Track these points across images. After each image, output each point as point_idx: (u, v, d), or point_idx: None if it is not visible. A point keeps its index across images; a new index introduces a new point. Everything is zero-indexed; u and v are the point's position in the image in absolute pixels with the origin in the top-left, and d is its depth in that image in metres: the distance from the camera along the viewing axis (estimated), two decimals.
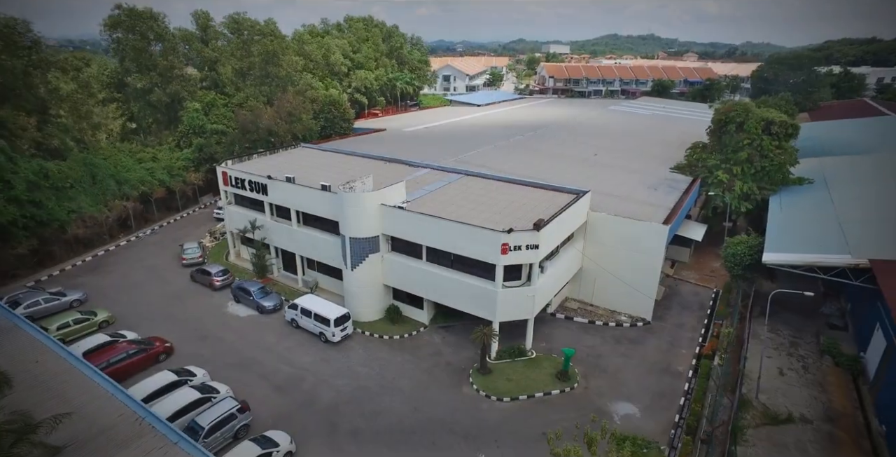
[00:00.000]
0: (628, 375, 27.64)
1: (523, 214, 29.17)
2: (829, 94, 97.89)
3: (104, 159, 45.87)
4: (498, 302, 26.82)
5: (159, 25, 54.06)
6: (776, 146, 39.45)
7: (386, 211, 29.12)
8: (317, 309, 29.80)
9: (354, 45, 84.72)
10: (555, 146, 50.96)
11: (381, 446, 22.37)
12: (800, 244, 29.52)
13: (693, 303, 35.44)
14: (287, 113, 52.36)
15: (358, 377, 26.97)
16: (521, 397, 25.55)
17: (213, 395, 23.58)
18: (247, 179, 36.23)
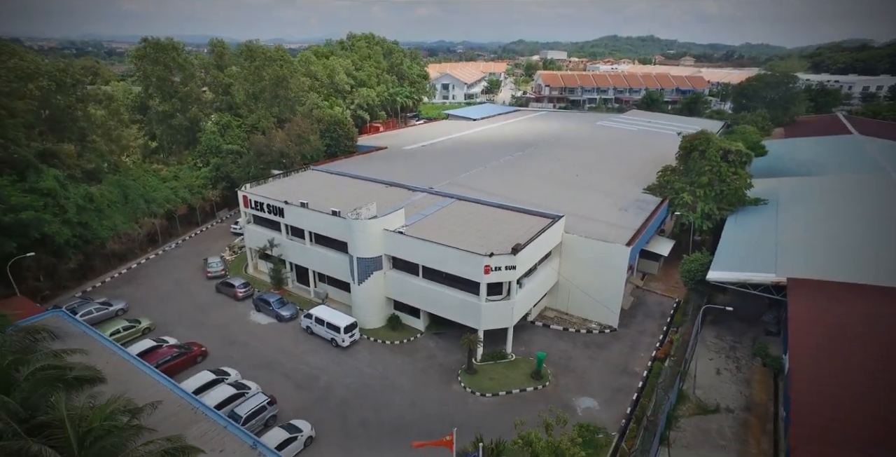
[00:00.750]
0: (593, 375, 32.74)
1: (505, 237, 34.28)
2: (805, 109, 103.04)
3: (134, 180, 51.05)
4: (482, 313, 31.95)
5: (180, 55, 59.20)
6: (733, 172, 44.58)
7: (388, 235, 34.27)
8: (328, 318, 34.97)
9: (357, 63, 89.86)
10: (541, 167, 56.03)
11: (384, 433, 27.49)
12: (739, 263, 34.68)
13: (656, 312, 40.54)
14: (297, 135, 57.54)
15: (364, 376, 32.09)
16: (501, 393, 30.66)
17: (245, 391, 28.72)
18: (265, 202, 41.37)
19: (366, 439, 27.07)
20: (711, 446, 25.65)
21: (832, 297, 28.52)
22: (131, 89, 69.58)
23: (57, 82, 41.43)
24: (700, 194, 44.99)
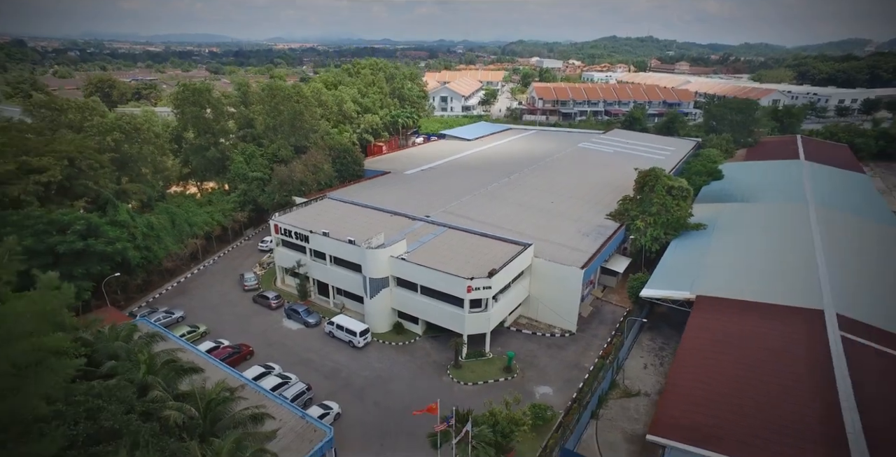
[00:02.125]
0: (551, 369, 42.47)
1: (486, 262, 43.95)
2: (771, 129, 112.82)
3: (177, 207, 60.81)
4: (465, 322, 41.69)
5: (213, 96, 68.91)
6: (676, 204, 54.36)
7: (393, 261, 44.03)
8: (347, 325, 44.78)
9: (362, 91, 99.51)
10: (521, 195, 65.70)
11: (391, 410, 37.23)
12: (666, 282, 44.49)
13: (609, 319, 50.21)
14: (313, 165, 67.28)
15: (375, 370, 41.85)
16: (480, 383, 40.39)
17: (288, 380, 38.49)
18: (293, 231, 51.11)
19: (377, 414, 36.83)
20: (628, 419, 35.45)
21: (726, 311, 38.27)
22: (167, 121, 79.02)
23: (126, 133, 51.16)
24: (650, 221, 54.83)
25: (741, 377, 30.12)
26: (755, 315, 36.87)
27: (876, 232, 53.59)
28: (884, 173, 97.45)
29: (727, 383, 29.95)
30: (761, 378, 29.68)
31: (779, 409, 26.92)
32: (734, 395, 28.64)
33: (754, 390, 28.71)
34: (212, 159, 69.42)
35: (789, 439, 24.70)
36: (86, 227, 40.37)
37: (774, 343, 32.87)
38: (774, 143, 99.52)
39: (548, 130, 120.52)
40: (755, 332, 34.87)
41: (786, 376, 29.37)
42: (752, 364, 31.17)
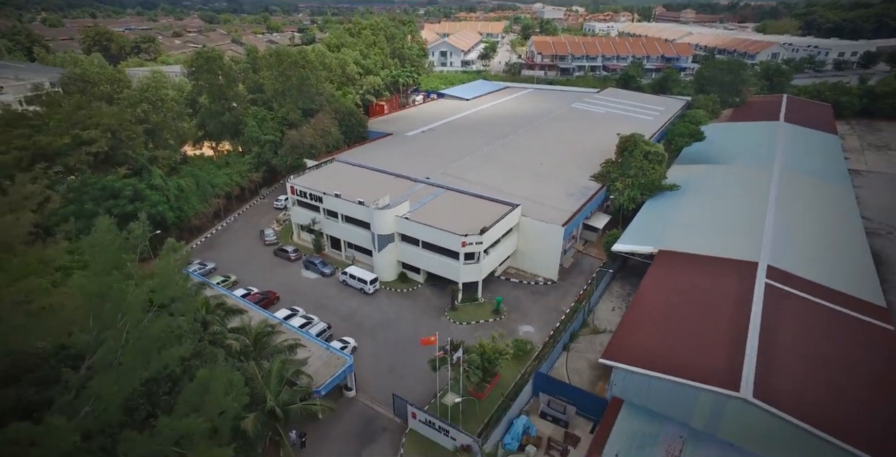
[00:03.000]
0: (533, 312, 49.91)
1: (479, 220, 50.36)
2: (761, 88, 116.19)
3: (199, 169, 66.70)
4: (461, 272, 48.70)
5: (223, 63, 73.05)
6: (652, 168, 60.17)
7: (398, 219, 50.56)
8: (358, 274, 51.92)
9: (364, 52, 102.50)
10: (514, 156, 71.27)
11: (398, 344, 44.86)
12: (635, 238, 51.20)
13: (587, 270, 57.30)
14: (321, 129, 72.50)
15: (384, 313, 49.33)
16: (472, 323, 47.92)
17: (311, 320, 45.99)
18: (308, 192, 57.32)
19: (386, 347, 44.56)
20: (593, 351, 43.14)
21: (680, 263, 45.16)
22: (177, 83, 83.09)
23: (153, 104, 56.30)
24: (628, 183, 60.88)
25: (680, 316, 37.34)
26: (703, 267, 43.76)
27: (825, 193, 59.71)
28: (862, 132, 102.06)
29: (668, 320, 37.19)
30: (695, 317, 36.90)
31: (702, 338, 34.23)
32: (671, 329, 35.92)
33: (688, 326, 35.96)
34: (227, 123, 74.47)
35: (705, 357, 32.09)
36: (133, 192, 46.66)
37: (712, 289, 39.91)
38: (760, 103, 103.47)
39: (543, 89, 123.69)
40: (699, 281, 41.86)
41: (715, 315, 36.56)
42: (691, 306, 38.33)
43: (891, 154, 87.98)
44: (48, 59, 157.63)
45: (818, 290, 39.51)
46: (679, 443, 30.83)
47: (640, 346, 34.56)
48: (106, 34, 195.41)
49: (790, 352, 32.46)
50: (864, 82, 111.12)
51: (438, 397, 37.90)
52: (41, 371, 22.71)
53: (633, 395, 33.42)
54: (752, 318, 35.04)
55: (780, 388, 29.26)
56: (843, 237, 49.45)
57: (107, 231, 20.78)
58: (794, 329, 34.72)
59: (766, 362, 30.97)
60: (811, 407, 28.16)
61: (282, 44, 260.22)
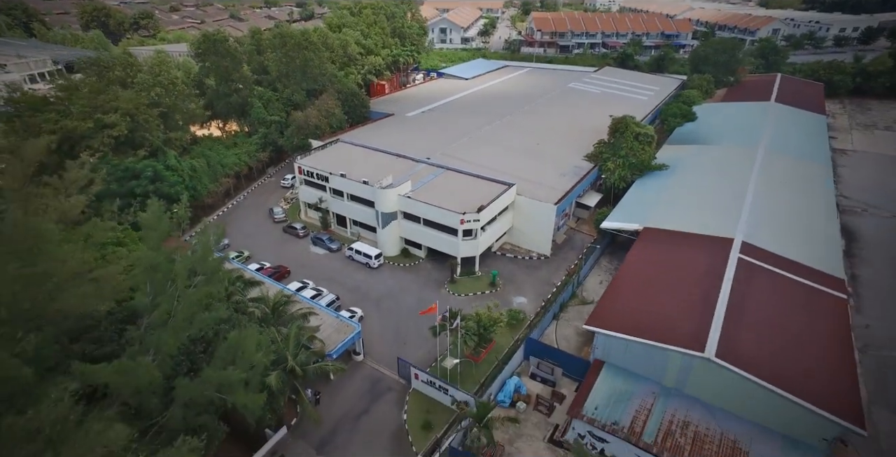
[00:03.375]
0: (527, 284, 53.66)
1: (476, 199, 53.57)
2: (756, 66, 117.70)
3: (209, 150, 69.57)
4: (459, 247, 52.23)
5: (229, 45, 75.05)
6: (642, 149, 63.09)
7: (400, 198, 53.84)
8: (363, 250, 55.50)
9: (365, 32, 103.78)
10: (511, 137, 74.00)
11: (401, 314, 48.72)
12: (623, 216, 54.56)
13: (579, 246, 60.81)
14: (325, 110, 75.03)
15: (388, 285, 53.08)
16: (470, 294, 51.71)
17: (321, 292, 49.76)
18: (315, 172, 60.40)
19: (391, 316, 48.45)
20: (580, 320, 46.94)
21: (663, 239, 48.63)
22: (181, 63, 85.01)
23: (165, 88, 58.89)
24: (619, 163, 63.88)
25: (657, 288, 41.01)
26: (683, 243, 47.25)
27: (804, 173, 62.70)
28: (853, 111, 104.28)
29: (647, 291, 40.90)
30: (672, 288, 40.56)
31: (676, 307, 37.97)
32: (649, 299, 39.64)
33: (664, 296, 39.68)
34: (234, 104, 76.93)
35: (677, 323, 35.88)
36: (153, 172, 49.83)
37: (689, 263, 43.48)
38: (755, 82, 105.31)
39: (542, 68, 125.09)
40: (678, 256, 45.42)
41: (689, 286, 40.20)
42: (669, 279, 41.96)
43: (877, 133, 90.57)
44: (48, 35, 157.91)
45: (785, 263, 43.09)
46: (651, 399, 34.89)
47: (620, 314, 38.34)
48: (104, 10, 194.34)
49: (753, 318, 36.23)
50: (858, 61, 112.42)
51: (439, 361, 41.89)
52: (96, 331, 26.43)
53: (612, 357, 37.35)
54: (723, 288, 38.70)
55: (740, 349, 33.10)
56: (815, 215, 52.79)
57: (157, 212, 24.17)
58: (759, 299, 38.44)
59: (730, 327, 34.75)
60: (766, 365, 32.03)
61: (280, 19, 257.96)
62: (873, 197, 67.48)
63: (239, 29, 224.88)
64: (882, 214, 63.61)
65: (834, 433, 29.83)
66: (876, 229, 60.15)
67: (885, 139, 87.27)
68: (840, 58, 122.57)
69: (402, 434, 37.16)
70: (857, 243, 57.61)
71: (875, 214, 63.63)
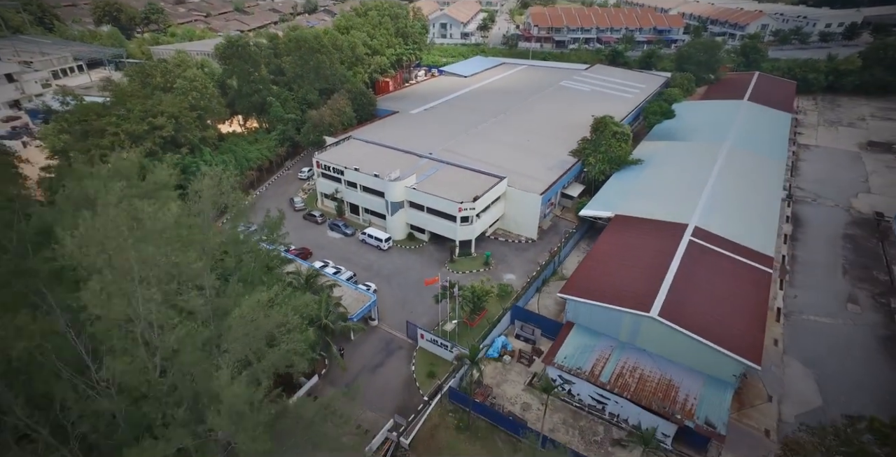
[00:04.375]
0: (516, 263, 62.55)
1: (472, 190, 62.27)
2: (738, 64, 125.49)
3: (235, 146, 78.07)
4: (457, 231, 61.04)
5: (251, 50, 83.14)
6: (619, 145, 71.54)
7: (407, 189, 62.52)
8: (375, 234, 64.36)
9: (371, 33, 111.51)
10: (504, 134, 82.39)
11: (408, 287, 57.69)
12: (599, 205, 63.30)
13: (562, 231, 69.54)
14: (338, 109, 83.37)
15: (396, 264, 62.01)
16: (467, 272, 60.65)
17: (340, 269, 58.71)
18: (331, 166, 68.96)
19: (400, 290, 57.42)
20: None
21: (630, 225, 57.37)
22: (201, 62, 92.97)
23: (199, 92, 67.28)
24: (599, 158, 72.40)
25: (619, 264, 49.90)
26: (646, 228, 56.03)
27: (760, 167, 71.20)
28: (824, 108, 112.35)
29: (610, 267, 49.79)
30: (630, 264, 49.40)
31: (632, 279, 46.83)
32: (611, 273, 48.54)
33: (623, 270, 48.51)
34: (254, 103, 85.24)
35: (631, 291, 44.76)
36: (196, 168, 58.47)
37: (649, 244, 52.27)
38: (733, 80, 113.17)
39: (536, 66, 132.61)
40: (641, 238, 54.21)
41: (645, 263, 49.00)
42: (629, 257, 50.82)
43: (840, 130, 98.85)
44: (66, 32, 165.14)
45: (727, 244, 51.93)
46: (609, 350, 43.97)
47: (587, 284, 47.28)
48: (115, 5, 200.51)
49: (693, 287, 45.15)
50: (832, 60, 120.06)
51: (440, 324, 50.98)
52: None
53: (580, 318, 46.36)
54: (672, 264, 47.57)
55: (678, 310, 42.05)
56: (761, 204, 61.44)
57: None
58: (700, 272, 47.33)
59: (673, 293, 43.68)
60: (696, 322, 41.00)
61: (284, 12, 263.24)
62: (823, 188, 76.14)
63: (245, 22, 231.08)
64: (827, 203, 72.35)
65: (740, 370, 38.97)
66: (819, 217, 68.91)
67: (846, 135, 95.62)
68: (825, 52, 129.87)
69: (411, 381, 46.35)
70: (802, 228, 66.42)
71: (822, 204, 72.36)
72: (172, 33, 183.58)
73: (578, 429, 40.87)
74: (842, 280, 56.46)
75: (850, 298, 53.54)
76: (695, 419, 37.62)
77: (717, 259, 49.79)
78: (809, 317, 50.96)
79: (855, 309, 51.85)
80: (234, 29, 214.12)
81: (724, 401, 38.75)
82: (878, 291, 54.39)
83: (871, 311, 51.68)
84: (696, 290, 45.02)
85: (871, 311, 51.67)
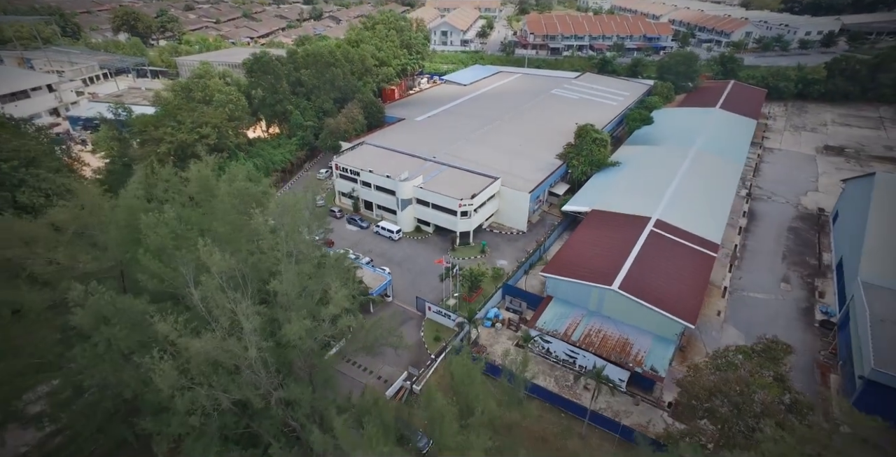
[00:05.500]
0: (508, 251, 73.23)
1: (471, 189, 72.91)
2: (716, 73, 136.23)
3: (262, 150, 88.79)
4: (458, 224, 71.74)
5: (275, 65, 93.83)
6: (598, 150, 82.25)
7: (414, 188, 73.26)
8: (387, 227, 75.13)
9: (378, 45, 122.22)
10: (499, 139, 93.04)
11: (416, 270, 68.39)
12: (580, 201, 74.03)
13: (548, 225, 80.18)
14: (352, 118, 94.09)
15: (405, 252, 72.71)
16: (466, 258, 71.32)
17: (359, 256, 69.43)
18: (349, 168, 79.66)
19: (409, 273, 68.11)
20: None
21: (604, 218, 68.05)
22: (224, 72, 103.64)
23: (235, 104, 77.97)
24: (582, 161, 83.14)
25: (590, 249, 60.63)
26: (617, 220, 66.68)
27: (720, 168, 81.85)
28: (792, 114, 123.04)
29: (583, 251, 60.50)
30: (600, 249, 60.14)
31: (600, 261, 57.49)
32: (583, 256, 59.27)
33: (593, 254, 59.25)
34: (277, 112, 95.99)
35: (598, 270, 55.40)
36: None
37: (616, 234, 62.99)
38: (710, 88, 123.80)
39: (530, 74, 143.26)
40: (611, 228, 64.92)
41: (611, 248, 59.72)
42: (600, 243, 61.54)
43: (803, 134, 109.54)
44: (92, 43, 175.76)
45: (682, 233, 62.64)
46: (580, 317, 54.68)
47: (564, 265, 58.02)
48: (133, 14, 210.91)
49: (648, 267, 55.87)
50: (801, 69, 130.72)
51: (444, 300, 61.71)
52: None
53: (557, 293, 57.06)
54: (633, 249, 58.28)
55: (634, 284, 52.73)
56: (715, 200, 72.11)
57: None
58: (656, 255, 58.05)
59: (632, 272, 54.39)
60: (649, 294, 51.66)
61: (291, 18, 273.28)
62: (778, 187, 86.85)
63: (254, 29, 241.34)
64: (780, 200, 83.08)
65: (680, 329, 49.73)
66: (771, 212, 79.62)
67: (807, 139, 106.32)
68: (805, 59, 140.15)
69: (420, 344, 57.08)
70: (755, 222, 77.13)
71: (775, 201, 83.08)
72: (187, 41, 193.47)
73: (554, 377, 51.65)
74: (780, 264, 67.18)
75: (783, 278, 64.29)
76: (643, 367, 48.37)
77: (671, 245, 60.54)
78: (749, 294, 61.66)
79: (786, 288, 62.60)
80: (244, 35, 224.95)
81: (667, 353, 49.50)
82: (807, 273, 65.15)
83: (799, 288, 62.43)
84: (650, 269, 55.75)
85: (798, 288, 62.43)
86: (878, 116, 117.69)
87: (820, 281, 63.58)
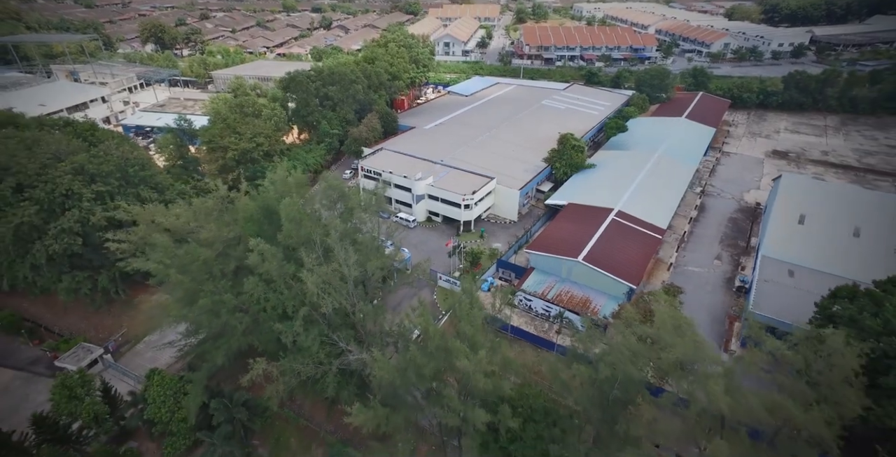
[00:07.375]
0: (502, 237, 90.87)
1: (471, 186, 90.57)
2: (688, 84, 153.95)
3: (297, 155, 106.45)
4: (462, 215, 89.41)
5: (305, 81, 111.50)
6: (577, 155, 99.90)
7: (427, 186, 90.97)
8: (405, 217, 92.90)
9: (391, 61, 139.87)
10: (496, 145, 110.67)
11: (429, 250, 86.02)
12: (559, 196, 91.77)
13: (535, 216, 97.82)
14: (371, 127, 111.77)
15: (420, 237, 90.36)
16: (468, 242, 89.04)
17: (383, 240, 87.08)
18: (371, 170, 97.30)
19: (424, 252, 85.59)
20: None
21: (578, 210, 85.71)
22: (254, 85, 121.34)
23: (280, 117, 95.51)
24: (563, 163, 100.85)
25: (564, 232, 78.36)
26: (586, 211, 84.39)
27: (676, 169, 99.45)
28: (753, 122, 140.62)
29: (558, 234, 78.19)
30: (571, 233, 77.85)
31: (571, 240, 75.08)
32: (559, 238, 76.96)
33: (566, 236, 76.95)
34: (308, 122, 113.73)
35: (569, 247, 72.95)
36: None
37: (585, 221, 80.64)
38: (680, 99, 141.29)
39: (524, 85, 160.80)
40: (581, 217, 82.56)
41: (580, 232, 77.41)
42: (571, 228, 79.25)
43: (758, 140, 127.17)
44: (127, 55, 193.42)
45: (636, 220, 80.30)
46: (554, 282, 72.38)
47: (543, 244, 75.76)
48: (160, 27, 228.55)
49: (607, 245, 73.54)
50: (762, 82, 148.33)
51: (451, 271, 79.43)
52: None
53: (538, 265, 74.77)
54: (597, 232, 76.01)
55: (595, 257, 70.37)
56: (667, 195, 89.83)
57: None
58: (614, 237, 75.78)
59: (594, 248, 72.11)
60: (606, 264, 69.30)
61: (302, 28, 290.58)
62: (727, 186, 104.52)
63: (269, 38, 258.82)
64: (727, 196, 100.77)
65: (626, 289, 67.47)
66: (718, 206, 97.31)
67: (760, 145, 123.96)
68: (776, 70, 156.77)
69: (434, 303, 74.81)
70: (704, 213, 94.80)
71: (723, 197, 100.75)
72: (210, 51, 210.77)
73: (534, 326, 69.41)
74: (717, 246, 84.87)
75: (717, 256, 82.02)
76: (597, 316, 66.17)
77: (627, 229, 78.30)
78: (689, 268, 79.36)
79: (718, 263, 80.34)
80: (260, 45, 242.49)
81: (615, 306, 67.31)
82: (736, 253, 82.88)
83: (727, 264, 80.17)
84: (608, 247, 73.50)
85: (727, 264, 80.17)
86: (824, 124, 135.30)
87: (745, 259, 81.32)
